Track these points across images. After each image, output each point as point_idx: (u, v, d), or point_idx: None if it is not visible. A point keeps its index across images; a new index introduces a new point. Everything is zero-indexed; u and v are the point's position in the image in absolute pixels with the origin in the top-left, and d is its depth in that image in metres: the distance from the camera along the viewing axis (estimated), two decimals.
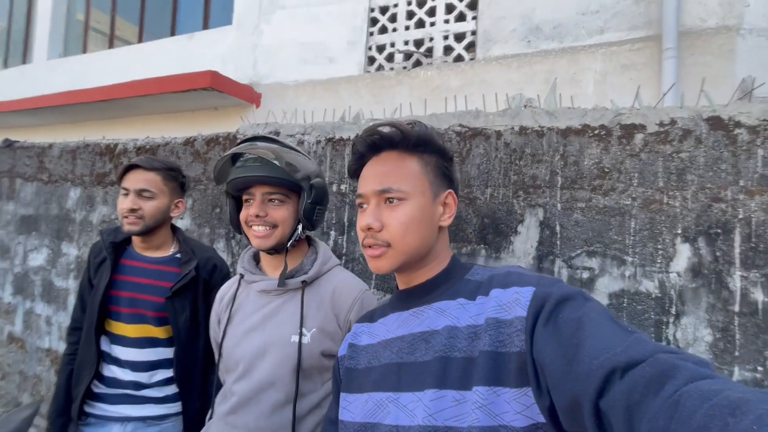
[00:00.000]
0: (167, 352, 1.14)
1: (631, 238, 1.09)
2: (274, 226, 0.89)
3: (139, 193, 1.13)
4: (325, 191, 0.92)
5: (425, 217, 0.62)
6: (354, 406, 0.62)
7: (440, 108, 2.30)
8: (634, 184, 1.10)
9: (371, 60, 3.22)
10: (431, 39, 2.98)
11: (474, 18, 2.85)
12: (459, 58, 2.89)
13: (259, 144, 0.90)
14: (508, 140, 1.26)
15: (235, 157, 0.91)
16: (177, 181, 1.22)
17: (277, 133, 1.74)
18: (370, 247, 0.62)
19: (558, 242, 1.18)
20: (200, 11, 4.39)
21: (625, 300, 1.09)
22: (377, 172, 0.64)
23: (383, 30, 3.18)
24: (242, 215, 0.92)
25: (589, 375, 0.40)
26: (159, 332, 1.14)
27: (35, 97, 4.45)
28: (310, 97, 3.39)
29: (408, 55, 3.06)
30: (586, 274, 1.13)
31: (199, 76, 3.23)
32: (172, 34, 4.57)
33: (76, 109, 4.30)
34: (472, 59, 2.84)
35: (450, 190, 0.66)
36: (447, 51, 2.95)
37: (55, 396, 1.16)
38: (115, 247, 1.18)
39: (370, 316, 0.72)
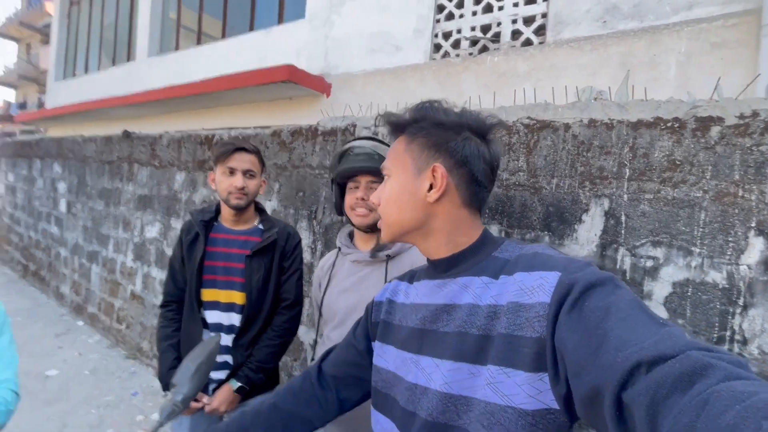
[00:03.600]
0: (238, 319, 1.31)
1: (700, 229, 1.12)
2: (372, 209, 1.08)
3: (245, 172, 1.29)
4: None
5: (404, 192, 0.62)
6: (388, 356, 0.67)
7: (508, 94, 2.33)
8: (707, 177, 1.11)
9: (437, 47, 3.28)
10: (499, 24, 2.96)
11: (545, 0, 2.78)
12: (528, 43, 2.85)
13: (363, 142, 1.10)
14: (576, 132, 1.32)
15: (341, 153, 1.12)
16: (262, 162, 1.38)
17: (354, 125, 1.93)
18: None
19: (623, 231, 1.23)
20: (275, 6, 4.70)
21: (690, 289, 1.12)
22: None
23: (450, 16, 3.21)
24: (348, 199, 1.12)
25: (614, 366, 0.38)
26: (239, 298, 1.30)
27: (140, 93, 5.12)
28: (377, 86, 3.54)
29: (474, 41, 3.07)
30: (650, 263, 1.18)
31: (278, 70, 3.53)
32: (251, 29, 4.95)
33: (173, 102, 4.89)
34: (541, 43, 2.79)
35: (435, 164, 0.60)
36: (515, 35, 2.92)
37: (163, 362, 1.28)
38: (205, 224, 1.34)
39: (411, 277, 0.74)
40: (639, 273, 1.20)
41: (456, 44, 3.18)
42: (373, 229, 1.11)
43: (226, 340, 1.31)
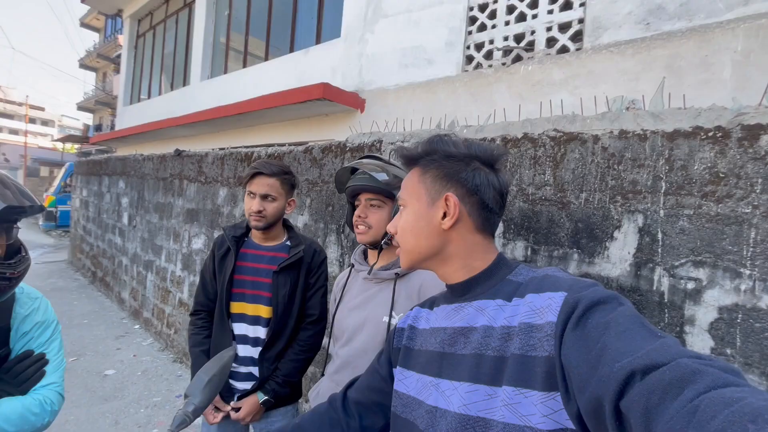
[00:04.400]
0: (264, 332, 1.35)
1: (750, 249, 1.01)
2: (370, 227, 1.10)
3: (264, 196, 1.34)
4: None
5: (420, 221, 0.66)
6: (408, 381, 0.68)
7: (543, 103, 2.25)
8: (757, 191, 1.01)
9: (469, 59, 3.26)
10: (533, 32, 2.89)
11: (582, 5, 2.68)
12: (563, 50, 2.75)
13: (365, 162, 1.11)
14: (606, 144, 1.25)
15: (353, 171, 1.15)
16: (290, 183, 1.41)
17: (380, 141, 1.95)
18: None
19: (659, 250, 1.14)
20: (314, 27, 4.92)
21: (740, 315, 1.01)
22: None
23: (482, 28, 3.18)
24: (354, 216, 1.15)
25: (611, 376, 0.40)
26: (266, 311, 1.35)
27: (191, 114, 5.54)
28: (409, 99, 3.57)
29: (507, 51, 3.02)
30: (691, 285, 1.08)
31: (313, 88, 3.68)
32: (291, 50, 5.21)
33: (220, 122, 5.24)
34: (578, 49, 2.68)
35: (447, 194, 0.65)
36: (550, 43, 2.83)
37: (195, 367, 1.35)
38: (237, 240, 1.42)
39: (431, 303, 0.76)
40: (679, 296, 1.10)
41: (488, 55, 3.14)
42: (375, 245, 1.12)
43: (252, 352, 1.36)
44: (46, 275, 6.74)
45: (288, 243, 1.46)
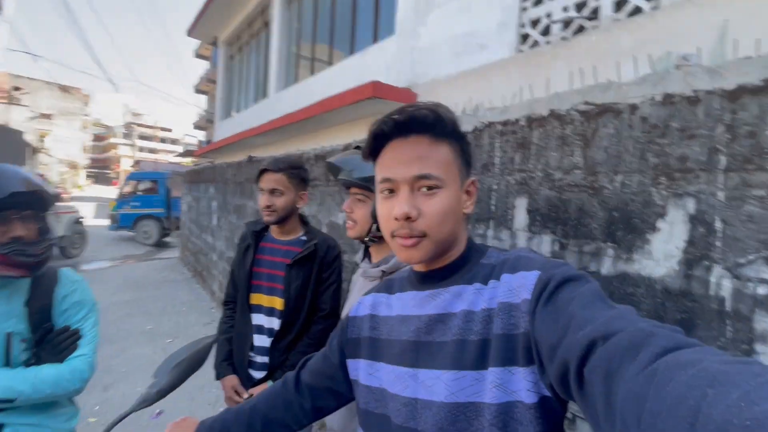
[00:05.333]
0: (278, 323, 1.38)
1: None
2: (356, 222, 1.04)
3: (271, 191, 1.37)
4: None
5: (457, 206, 0.61)
6: (380, 374, 0.65)
7: (611, 75, 1.94)
8: None
9: (524, 38, 2.97)
10: None
11: None
12: (636, 12, 2.35)
13: (349, 154, 1.07)
14: (645, 114, 1.01)
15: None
16: (299, 177, 1.42)
17: None
18: (403, 237, 0.58)
19: (718, 243, 0.88)
20: (371, 27, 4.97)
21: None
22: (410, 157, 0.58)
23: (538, 2, 2.87)
24: None
25: (573, 344, 0.42)
26: (279, 303, 1.38)
27: (264, 124, 6.03)
28: (461, 88, 3.40)
29: (567, 23, 2.68)
30: (763, 289, 0.81)
31: (363, 87, 3.71)
32: (351, 52, 5.34)
33: (288, 129, 5.61)
34: (654, 8, 2.26)
35: (473, 178, 0.65)
36: (618, 7, 2.44)
37: (218, 354, 1.45)
38: (256, 234, 1.47)
39: (389, 287, 0.71)
40: (747, 303, 0.84)
41: (546, 31, 2.82)
42: (363, 242, 1.06)
43: (268, 342, 1.41)
44: (161, 269, 7.93)
45: (303, 237, 1.48)
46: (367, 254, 1.18)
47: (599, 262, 1.09)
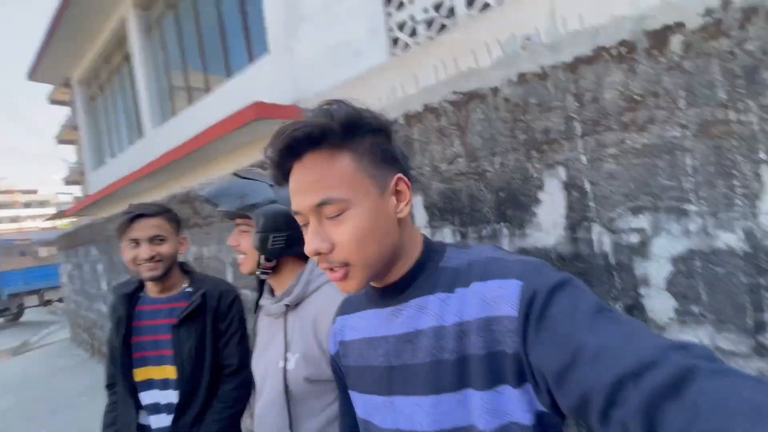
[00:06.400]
0: (176, 395, 1.17)
1: (690, 179, 0.81)
2: (245, 254, 0.91)
3: (152, 239, 1.18)
4: (278, 216, 0.88)
5: (378, 218, 0.52)
6: (358, 404, 0.61)
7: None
8: (682, 107, 0.81)
9: (395, 41, 3.07)
10: None
11: None
12: (486, 6, 2.56)
13: (225, 181, 0.94)
14: (507, 95, 1.05)
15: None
16: (176, 220, 1.27)
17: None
18: (328, 270, 0.53)
19: (591, 204, 0.94)
20: (243, 47, 4.74)
21: (697, 263, 0.81)
22: (307, 183, 0.52)
23: (400, 6, 2.99)
24: None
25: (596, 381, 0.38)
26: (172, 372, 1.18)
27: (145, 166, 5.37)
28: (345, 97, 3.38)
29: (429, 23, 2.82)
30: (635, 238, 0.88)
31: (246, 110, 3.49)
32: (228, 75, 5.03)
33: (173, 167, 5.07)
34: (499, 3, 2.49)
35: (398, 175, 0.54)
36: (470, 2, 2.64)
37: None
38: (129, 298, 1.24)
39: (348, 307, 0.67)
40: (625, 253, 0.90)
41: (413, 33, 2.95)
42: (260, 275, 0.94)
43: (166, 421, 1.18)
44: (48, 357, 6.61)
45: (189, 289, 1.27)
46: (268, 289, 1.04)
47: (498, 242, 1.11)
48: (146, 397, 1.20)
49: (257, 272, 0.92)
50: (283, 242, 0.88)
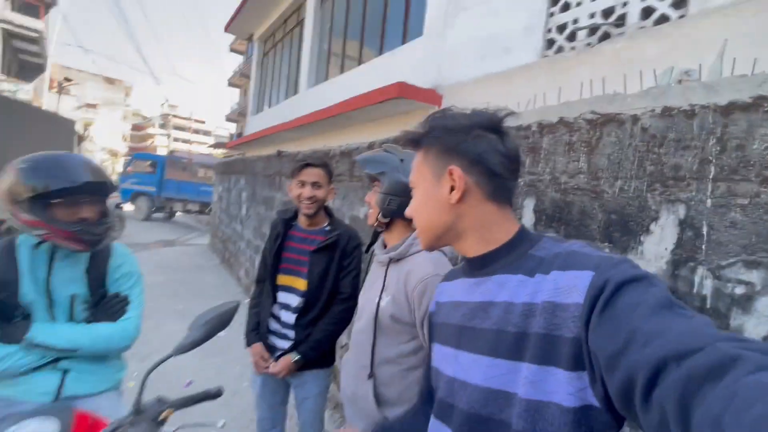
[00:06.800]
0: (301, 302, 1.54)
1: None
2: (372, 209, 1.18)
3: (313, 184, 1.52)
4: (396, 184, 1.10)
5: (428, 200, 0.67)
6: (435, 352, 0.72)
7: (633, 84, 1.99)
8: None
9: (550, 43, 3.01)
10: (624, 4, 2.54)
11: None
12: (662, 20, 2.36)
13: (375, 151, 1.21)
14: (646, 125, 1.09)
15: None
16: (330, 173, 1.59)
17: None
18: None
19: (703, 247, 0.96)
20: (401, 28, 5.08)
21: None
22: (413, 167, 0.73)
23: (565, 7, 2.90)
24: None
25: (641, 362, 0.38)
26: (302, 284, 1.54)
27: (293, 120, 6.24)
28: (485, 90, 3.46)
29: (593, 30, 2.71)
30: (740, 289, 0.89)
31: (389, 88, 3.83)
32: (380, 52, 5.46)
33: (316, 125, 5.80)
34: (681, 17, 2.28)
35: (450, 167, 0.64)
36: (645, 14, 2.46)
37: (247, 324, 1.65)
38: (286, 222, 1.62)
39: (450, 275, 0.78)
40: (724, 301, 0.91)
41: (572, 37, 2.86)
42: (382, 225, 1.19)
43: (291, 318, 1.57)
44: (191, 255, 8.34)
45: (327, 228, 1.63)
46: (381, 241, 1.31)
47: None
48: (281, 297, 1.61)
49: (375, 225, 1.19)
50: (396, 205, 1.11)
